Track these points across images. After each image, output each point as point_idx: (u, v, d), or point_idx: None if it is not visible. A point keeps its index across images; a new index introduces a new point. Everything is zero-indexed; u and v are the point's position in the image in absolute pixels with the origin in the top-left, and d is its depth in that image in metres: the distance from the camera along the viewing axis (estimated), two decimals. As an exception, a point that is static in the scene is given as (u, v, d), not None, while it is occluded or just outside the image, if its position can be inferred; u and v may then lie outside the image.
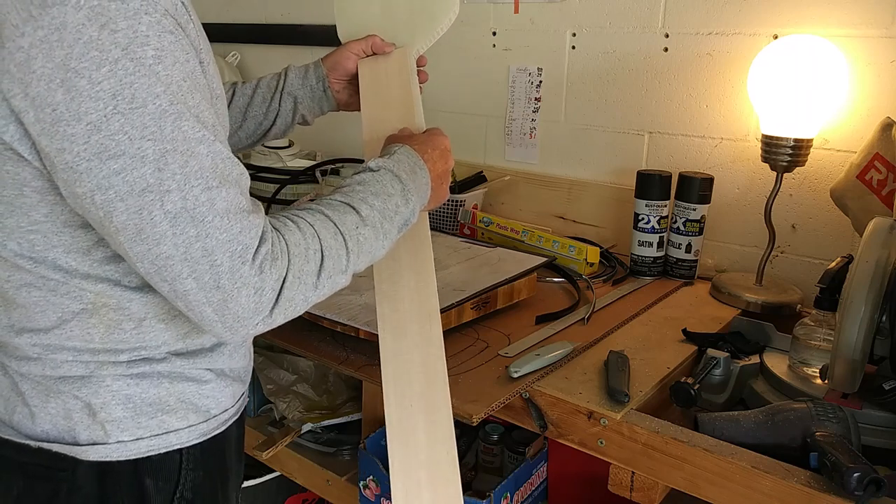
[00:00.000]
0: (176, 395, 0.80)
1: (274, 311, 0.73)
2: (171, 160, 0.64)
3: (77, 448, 0.77)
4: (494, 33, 1.85)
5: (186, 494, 0.82)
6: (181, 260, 0.66)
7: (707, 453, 0.90)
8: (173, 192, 0.64)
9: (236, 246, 0.68)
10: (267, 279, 0.70)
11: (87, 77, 0.61)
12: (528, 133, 1.84)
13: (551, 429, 1.03)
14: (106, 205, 0.64)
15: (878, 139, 1.25)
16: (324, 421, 1.39)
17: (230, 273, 0.68)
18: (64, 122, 0.62)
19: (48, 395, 0.76)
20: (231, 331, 0.71)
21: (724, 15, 1.49)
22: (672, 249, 1.51)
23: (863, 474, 0.80)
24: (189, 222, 0.65)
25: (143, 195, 0.64)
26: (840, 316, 0.95)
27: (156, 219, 0.65)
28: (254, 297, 0.70)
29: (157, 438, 0.79)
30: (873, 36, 1.33)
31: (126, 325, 0.76)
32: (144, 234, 0.65)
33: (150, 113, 0.63)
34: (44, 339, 0.75)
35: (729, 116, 1.53)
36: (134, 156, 0.63)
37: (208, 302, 0.68)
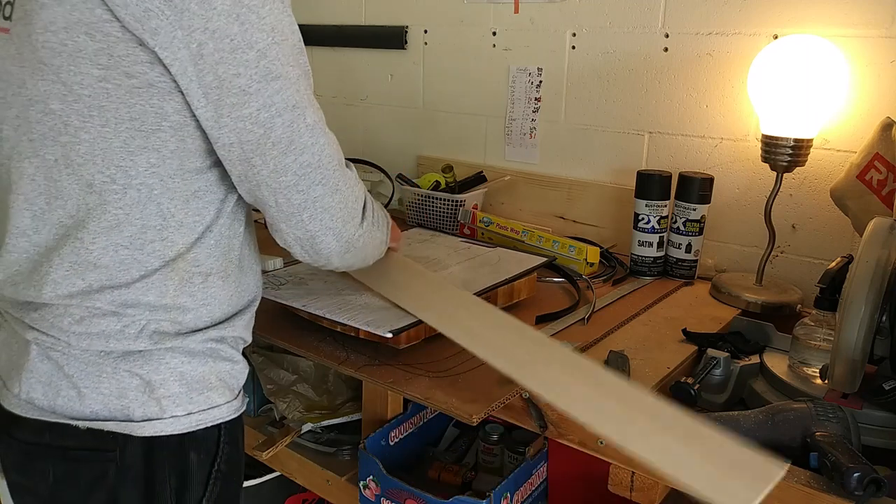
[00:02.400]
0: (216, 374, 0.87)
1: (363, 224, 0.91)
2: (304, 84, 0.80)
3: (132, 425, 0.80)
4: (494, 33, 1.85)
5: (223, 467, 0.88)
6: (316, 167, 0.82)
7: (707, 453, 0.90)
8: (308, 108, 0.80)
9: (341, 154, 0.86)
10: (358, 187, 0.90)
11: (256, 13, 0.73)
12: (528, 133, 1.84)
13: (551, 429, 1.02)
14: (268, 121, 0.77)
15: (878, 139, 1.25)
16: (324, 421, 1.39)
17: (344, 176, 0.86)
18: (240, 49, 0.73)
19: (101, 374, 0.80)
20: (338, 238, 0.87)
21: (724, 15, 1.49)
22: (672, 249, 1.51)
23: (863, 474, 0.80)
24: (320, 132, 0.82)
25: (294, 110, 0.78)
26: (840, 316, 0.94)
27: (301, 130, 0.79)
28: (355, 203, 0.89)
29: (204, 413, 0.85)
30: (873, 36, 1.33)
31: (196, 280, 0.83)
32: (294, 145, 0.79)
33: (291, 45, 0.77)
34: (122, 295, 0.79)
35: (729, 116, 1.53)
36: (287, 77, 0.77)
37: (328, 207, 0.84)
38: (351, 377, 1.17)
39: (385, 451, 1.25)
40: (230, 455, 0.89)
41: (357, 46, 2.15)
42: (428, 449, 1.37)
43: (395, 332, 1.08)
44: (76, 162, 0.76)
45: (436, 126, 2.02)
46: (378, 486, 1.19)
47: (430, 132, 2.04)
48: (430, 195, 1.79)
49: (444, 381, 1.05)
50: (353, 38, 2.15)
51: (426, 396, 1.01)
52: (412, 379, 1.06)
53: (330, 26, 2.20)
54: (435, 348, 1.14)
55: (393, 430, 1.28)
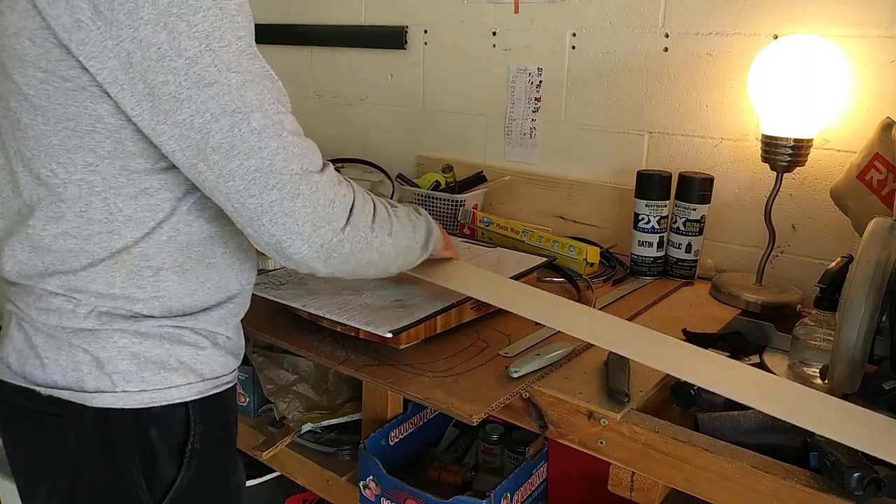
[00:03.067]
0: (175, 357, 0.88)
1: (345, 230, 0.86)
2: (250, 88, 0.77)
3: (85, 395, 0.84)
4: (494, 33, 1.85)
5: (197, 446, 0.90)
6: (267, 171, 0.79)
7: (707, 453, 0.90)
8: (254, 112, 0.77)
9: (307, 159, 0.83)
10: (337, 192, 0.85)
11: (186, 21, 0.73)
12: (528, 133, 1.84)
13: (551, 429, 1.03)
14: (204, 126, 0.76)
15: (878, 139, 1.25)
16: (324, 421, 1.39)
17: (307, 180, 0.82)
18: (168, 58, 0.73)
19: (59, 347, 0.85)
20: (308, 241, 0.83)
21: (724, 15, 1.49)
22: (672, 249, 1.51)
23: (863, 474, 0.80)
24: (271, 136, 0.79)
25: (234, 115, 0.76)
26: (840, 316, 0.94)
27: (244, 134, 0.77)
28: (328, 207, 0.84)
29: (159, 392, 0.87)
30: (873, 36, 1.33)
31: (145, 273, 0.85)
32: (237, 150, 0.77)
33: (233, 51, 0.76)
34: (71, 281, 0.83)
35: (729, 116, 1.53)
36: (223, 84, 0.75)
37: (289, 211, 0.81)
38: (351, 377, 1.17)
39: (385, 451, 1.25)
40: (204, 434, 0.90)
41: (357, 46, 2.15)
42: (428, 449, 1.38)
43: (395, 332, 1.08)
44: (26, 156, 0.81)
45: (436, 126, 2.02)
46: (378, 486, 1.19)
47: (430, 132, 2.04)
48: (430, 195, 1.79)
49: (444, 381, 1.05)
50: (353, 38, 2.15)
51: (426, 396, 1.01)
52: (412, 379, 1.06)
53: (330, 26, 2.20)
54: (435, 348, 1.14)
55: (393, 430, 1.28)
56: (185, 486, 0.90)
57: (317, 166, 0.84)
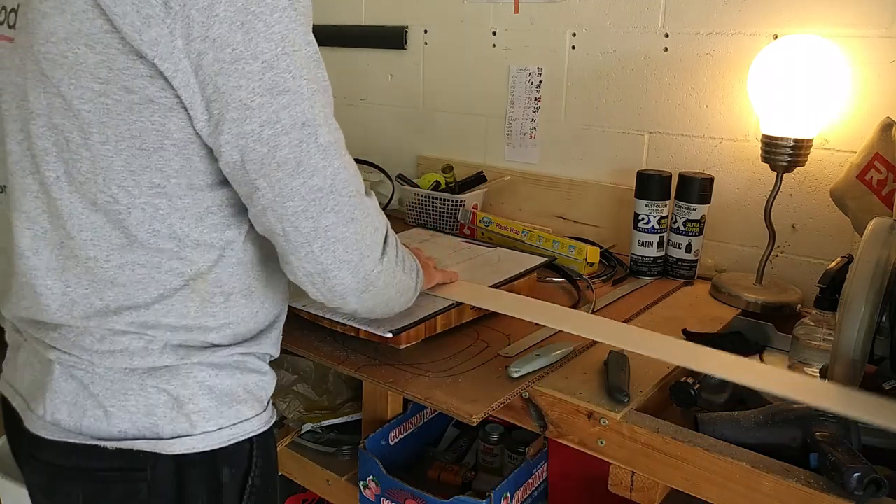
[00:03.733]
0: (244, 386, 0.84)
1: (382, 261, 0.82)
2: (319, 99, 0.72)
3: (162, 443, 0.77)
4: (494, 33, 1.85)
5: (256, 481, 0.86)
6: (328, 192, 0.74)
7: (707, 453, 0.90)
8: (322, 126, 0.73)
9: (359, 181, 0.78)
10: (380, 219, 0.82)
11: (263, 20, 0.67)
12: (528, 133, 1.84)
13: (551, 429, 1.02)
14: (273, 139, 0.70)
15: (878, 139, 1.25)
16: (324, 421, 1.39)
17: (361, 205, 0.77)
18: (243, 60, 0.67)
19: (127, 392, 0.77)
20: (354, 273, 0.78)
21: (724, 15, 1.49)
22: (672, 249, 1.51)
23: (863, 474, 0.80)
24: (334, 154, 0.74)
25: (304, 128, 0.71)
26: (840, 316, 0.94)
27: (311, 150, 0.72)
28: (374, 235, 0.80)
29: (235, 427, 0.82)
30: (873, 36, 1.33)
31: (217, 300, 0.80)
32: (302, 167, 0.72)
33: (306, 56, 0.71)
34: (142, 316, 0.76)
35: (729, 116, 1.53)
36: (297, 92, 0.70)
37: (342, 239, 0.76)
38: (351, 377, 1.17)
39: (385, 451, 1.25)
40: (263, 468, 0.86)
41: (357, 46, 2.15)
42: (428, 449, 1.37)
43: (395, 332, 1.08)
44: (78, 180, 0.73)
45: (436, 126, 2.02)
46: (378, 486, 1.19)
47: (430, 132, 2.04)
48: (430, 195, 1.79)
49: (444, 381, 1.05)
50: (354, 37, 2.15)
51: (426, 396, 1.01)
52: (412, 379, 1.06)
53: (330, 26, 2.20)
54: (435, 348, 1.14)
55: (393, 430, 1.28)
56: None
57: (363, 189, 0.80)
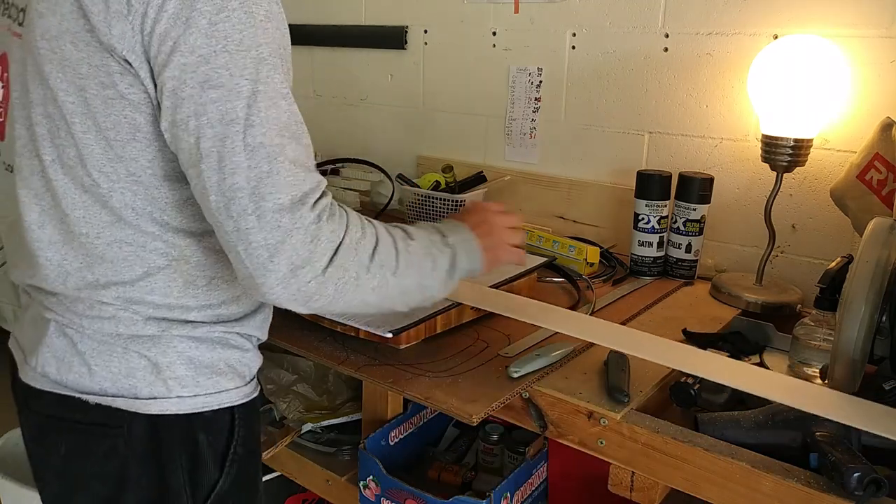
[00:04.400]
0: (225, 360, 0.88)
1: (327, 271, 0.77)
2: (260, 100, 0.73)
3: (138, 402, 0.83)
4: (494, 33, 1.85)
5: (239, 450, 0.90)
6: (249, 194, 0.73)
7: (707, 453, 0.90)
8: (256, 127, 0.72)
9: (299, 190, 0.75)
10: (323, 229, 0.76)
11: (207, 18, 0.70)
12: (528, 133, 1.84)
13: (551, 429, 1.03)
14: (198, 130, 0.72)
15: (878, 139, 1.25)
16: (324, 421, 1.39)
17: (290, 213, 0.74)
18: (180, 52, 0.71)
19: (111, 354, 0.83)
20: (283, 283, 0.75)
21: (724, 15, 1.49)
22: (672, 249, 1.51)
23: (863, 474, 0.80)
24: (264, 158, 0.73)
25: (231, 125, 0.72)
26: (840, 316, 0.94)
27: (236, 148, 0.72)
28: (309, 244, 0.75)
29: (211, 396, 0.86)
30: (873, 36, 1.34)
31: (199, 282, 0.84)
32: (224, 162, 0.72)
33: (252, 57, 0.72)
34: (128, 292, 0.81)
35: (729, 116, 1.53)
36: (231, 89, 0.71)
37: (265, 244, 0.73)
38: (351, 377, 1.18)
39: (385, 451, 1.25)
40: (246, 438, 0.91)
41: (357, 46, 2.15)
42: (428, 449, 1.38)
43: (395, 332, 1.08)
44: (67, 164, 0.79)
45: (436, 126, 2.02)
46: (378, 486, 1.19)
47: (430, 132, 2.04)
48: (430, 195, 1.79)
49: (444, 381, 1.05)
50: (354, 38, 2.15)
51: (426, 396, 1.02)
52: (412, 379, 1.06)
53: (330, 26, 2.20)
54: (435, 348, 1.14)
55: (393, 430, 1.28)
56: (225, 490, 0.89)
57: (308, 200, 0.76)
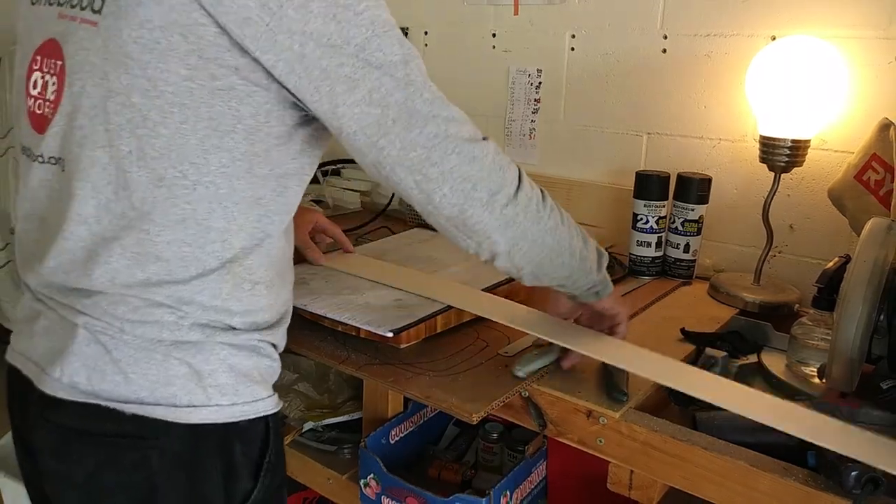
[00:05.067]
0: (258, 369, 0.88)
1: (518, 196, 0.88)
2: (413, 66, 0.81)
3: (175, 410, 0.81)
4: (494, 35, 1.85)
5: (272, 459, 0.90)
6: (444, 137, 0.82)
7: (705, 452, 0.91)
8: (421, 84, 0.81)
9: (472, 127, 0.87)
10: (505, 160, 0.89)
11: (352, 10, 0.76)
12: (527, 134, 1.84)
13: (550, 427, 1.03)
14: (381, 100, 0.79)
15: (876, 140, 1.25)
16: (325, 419, 1.40)
17: (479, 146, 0.85)
18: (338, 45, 0.76)
19: (150, 361, 0.81)
20: (489, 209, 0.85)
21: (723, 16, 1.50)
22: (670, 249, 1.52)
23: (861, 473, 0.80)
24: (441, 105, 0.83)
25: (407, 88, 0.80)
26: (838, 315, 0.95)
27: (418, 105, 0.81)
28: (500, 172, 0.87)
29: (248, 405, 0.86)
30: (871, 37, 1.34)
31: (245, 286, 0.85)
32: (414, 118, 0.80)
33: (392, 35, 0.80)
34: (180, 291, 0.81)
35: (727, 117, 1.53)
36: (392, 63, 0.79)
37: (468, 176, 0.84)
38: (352, 376, 1.18)
39: (385, 449, 1.26)
40: (277, 446, 0.91)
41: (357, 47, 2.16)
42: (428, 447, 1.38)
43: (396, 332, 1.08)
44: (150, 155, 0.78)
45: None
46: (379, 485, 1.19)
47: (430, 133, 2.03)
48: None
49: (444, 380, 1.05)
50: (353, 38, 2.15)
51: (426, 395, 1.02)
52: (412, 378, 1.06)
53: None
54: (435, 347, 1.15)
55: (393, 428, 1.29)
56: (259, 500, 0.89)
57: (479, 135, 0.87)
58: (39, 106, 0.84)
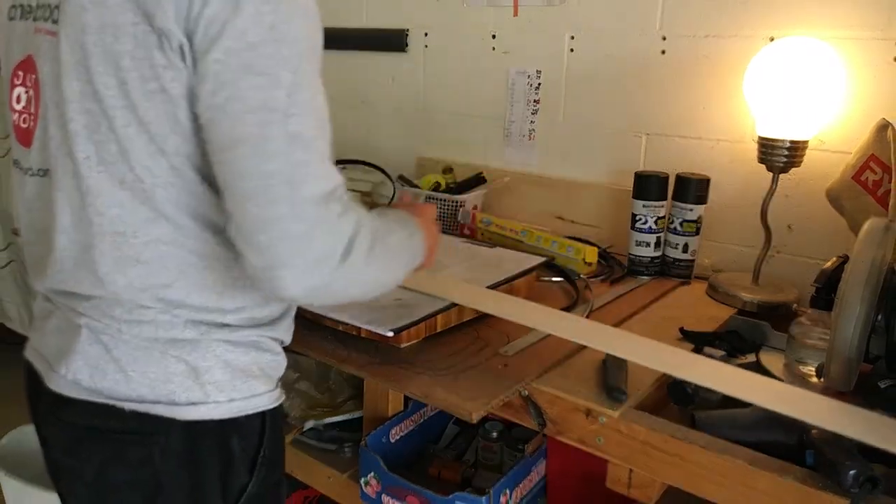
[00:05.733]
0: (258, 364, 0.87)
1: (340, 268, 0.76)
2: (300, 93, 0.73)
3: (175, 408, 0.81)
4: (494, 36, 1.86)
5: (268, 454, 0.89)
6: (284, 181, 0.72)
7: (704, 451, 0.91)
8: (295, 117, 0.73)
9: (331, 183, 0.76)
10: (344, 224, 0.76)
11: (255, 6, 0.71)
12: (527, 134, 1.85)
13: (550, 426, 1.04)
14: (236, 114, 0.72)
15: (874, 140, 1.26)
16: (325, 418, 1.40)
17: (317, 206, 0.74)
18: (226, 36, 0.71)
19: (149, 359, 0.81)
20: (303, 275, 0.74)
21: (721, 17, 1.50)
22: (669, 249, 1.53)
23: (859, 472, 0.81)
24: (301, 147, 0.73)
25: (272, 112, 0.72)
26: (836, 315, 0.95)
27: (274, 134, 0.72)
28: (330, 237, 0.75)
29: (246, 401, 0.85)
30: (869, 38, 1.35)
31: (236, 283, 0.83)
32: (261, 149, 0.72)
33: (296, 50, 0.73)
34: (167, 294, 0.80)
35: (726, 118, 1.54)
36: (275, 78, 0.72)
37: (289, 235, 0.73)
38: (352, 375, 1.19)
39: (386, 448, 1.26)
40: (274, 442, 0.91)
41: (358, 49, 2.16)
42: (428, 446, 1.39)
43: (396, 331, 1.09)
44: (107, 160, 0.77)
45: (436, 128, 2.03)
46: (379, 483, 1.20)
47: (431, 134, 2.05)
48: (431, 196, 1.80)
49: (444, 379, 1.06)
50: (355, 40, 2.16)
51: (426, 394, 1.03)
52: (413, 377, 1.07)
53: (331, 29, 2.20)
54: (435, 347, 1.15)
55: (394, 427, 1.29)
56: (254, 494, 0.89)
57: (337, 194, 0.76)
58: (24, 120, 0.86)
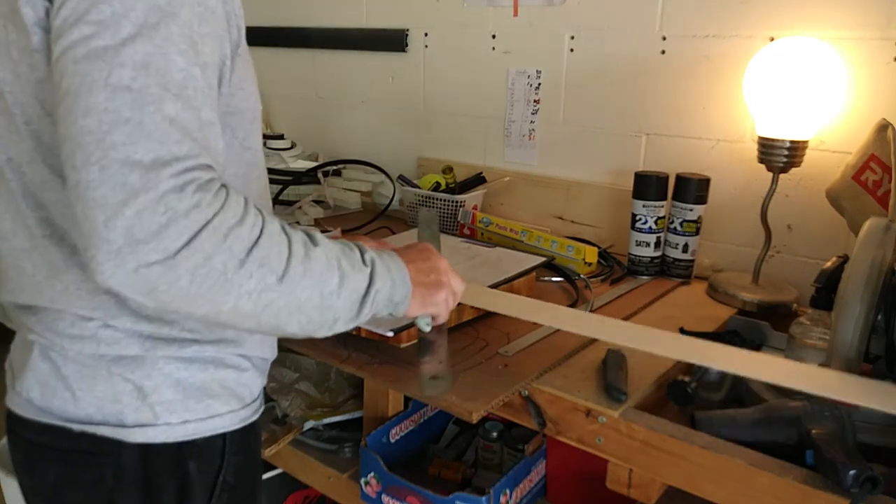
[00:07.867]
0: (219, 381, 0.81)
1: (179, 254, 0.60)
2: (139, 44, 0.61)
3: (123, 430, 0.77)
4: (494, 36, 1.86)
5: (229, 479, 0.84)
6: (98, 140, 0.59)
7: (704, 451, 0.91)
8: (124, 68, 0.60)
9: (166, 151, 0.60)
10: (185, 201, 0.60)
11: None
12: (526, 134, 1.85)
13: (550, 426, 1.04)
14: (65, 66, 0.61)
15: (874, 140, 1.26)
16: (325, 418, 1.40)
17: (144, 172, 0.59)
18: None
19: (95, 378, 0.77)
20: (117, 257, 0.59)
21: (721, 18, 1.51)
22: (669, 249, 1.53)
23: (858, 472, 0.81)
24: (126, 103, 0.60)
25: (96, 61, 0.60)
26: (836, 315, 0.96)
27: (96, 87, 0.59)
28: (161, 214, 0.59)
29: (202, 423, 0.80)
30: (869, 38, 1.35)
31: None
32: (77, 102, 0.60)
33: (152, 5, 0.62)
34: (103, 301, 0.74)
35: (726, 118, 1.54)
36: (107, 27, 0.61)
37: (103, 202, 0.58)
38: (352, 375, 1.19)
39: (386, 448, 1.26)
40: (238, 465, 0.85)
41: (358, 49, 2.17)
42: (428, 446, 1.39)
43: (396, 331, 1.09)
44: (24, 160, 0.73)
45: (436, 128, 2.03)
46: (379, 483, 1.20)
47: (431, 134, 2.05)
48: (431, 196, 1.80)
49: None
50: (355, 40, 2.16)
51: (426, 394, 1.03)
52: (413, 377, 1.07)
53: (331, 29, 2.21)
54: (435, 347, 1.15)
55: (394, 427, 1.29)
56: None
57: (175, 165, 0.60)
58: None
